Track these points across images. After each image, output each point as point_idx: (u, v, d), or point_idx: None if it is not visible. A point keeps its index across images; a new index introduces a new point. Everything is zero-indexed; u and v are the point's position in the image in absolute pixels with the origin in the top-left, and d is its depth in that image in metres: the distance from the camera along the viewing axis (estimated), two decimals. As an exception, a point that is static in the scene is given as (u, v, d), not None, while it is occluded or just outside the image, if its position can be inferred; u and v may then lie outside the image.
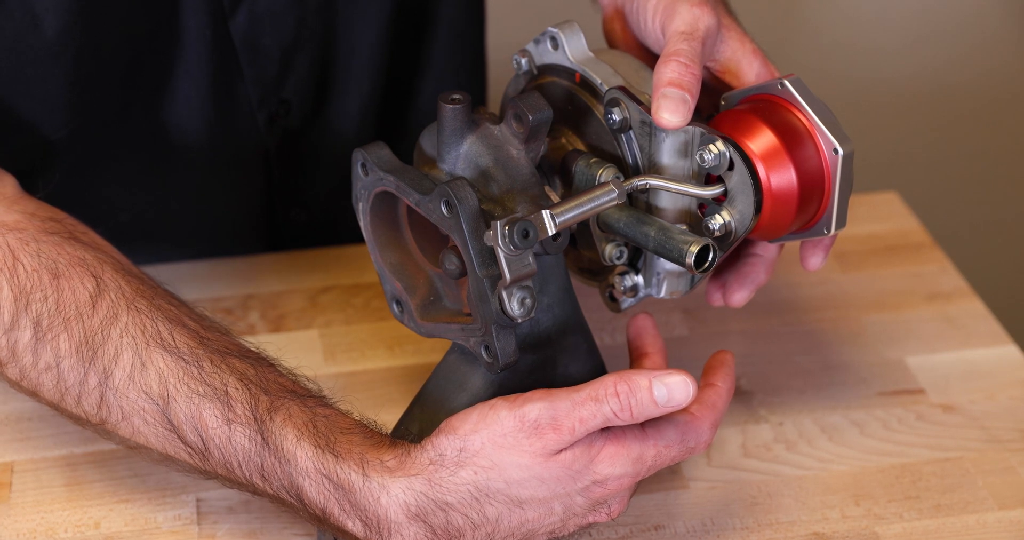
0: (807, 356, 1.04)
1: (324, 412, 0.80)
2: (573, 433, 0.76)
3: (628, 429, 0.78)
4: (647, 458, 0.79)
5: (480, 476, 0.76)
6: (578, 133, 0.86)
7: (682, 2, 0.84)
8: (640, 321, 0.87)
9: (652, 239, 0.80)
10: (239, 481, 0.81)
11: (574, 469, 0.77)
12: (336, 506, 0.78)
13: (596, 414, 0.76)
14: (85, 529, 0.89)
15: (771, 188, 0.80)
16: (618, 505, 0.80)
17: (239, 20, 1.04)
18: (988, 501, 0.91)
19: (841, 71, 1.96)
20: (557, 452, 0.77)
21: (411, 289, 0.86)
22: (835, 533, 0.89)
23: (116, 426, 0.82)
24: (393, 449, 0.79)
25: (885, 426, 0.97)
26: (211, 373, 0.80)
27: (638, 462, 0.78)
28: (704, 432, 0.80)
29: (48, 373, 0.83)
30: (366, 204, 0.84)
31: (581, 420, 0.76)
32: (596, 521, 0.81)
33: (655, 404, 0.76)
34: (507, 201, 0.80)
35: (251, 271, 1.12)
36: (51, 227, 0.86)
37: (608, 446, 0.78)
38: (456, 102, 0.80)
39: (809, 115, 0.81)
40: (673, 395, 0.76)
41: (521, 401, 0.77)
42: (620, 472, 0.78)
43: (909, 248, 1.16)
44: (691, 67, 0.80)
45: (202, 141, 1.08)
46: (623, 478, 0.78)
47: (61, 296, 0.82)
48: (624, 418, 0.76)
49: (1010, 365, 1.03)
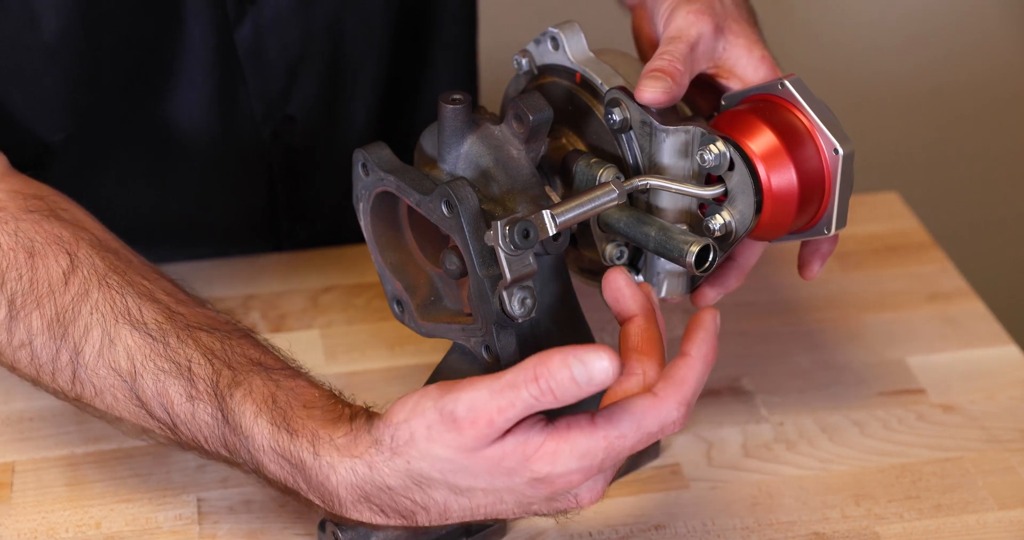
0: (808, 356, 1.04)
1: (289, 385, 0.79)
2: (492, 425, 0.71)
3: (574, 421, 0.72)
4: (597, 451, 0.72)
5: (414, 465, 0.74)
6: (578, 133, 0.86)
7: (680, 9, 0.86)
8: (612, 282, 0.78)
9: (652, 239, 0.80)
10: (211, 454, 0.81)
11: (505, 466, 0.73)
12: (293, 482, 0.78)
13: (515, 402, 0.70)
14: (86, 529, 0.89)
15: (771, 188, 0.80)
16: (588, 494, 0.75)
17: (244, 31, 1.04)
18: (988, 501, 0.91)
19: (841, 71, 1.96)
20: (482, 447, 0.72)
21: (412, 289, 0.86)
22: (835, 533, 0.89)
23: (92, 400, 0.83)
24: (348, 425, 0.77)
25: (885, 426, 0.97)
26: (176, 349, 0.80)
27: (585, 457, 0.72)
28: (669, 413, 0.73)
29: (23, 350, 0.83)
30: (367, 204, 0.84)
31: (499, 410, 0.70)
32: (567, 509, 0.76)
33: (577, 385, 0.68)
34: (507, 201, 0.80)
35: (252, 271, 1.12)
36: (33, 205, 0.87)
37: (548, 443, 0.72)
38: (456, 102, 0.80)
39: (809, 115, 0.81)
40: (593, 374, 0.68)
41: (447, 391, 0.73)
42: (563, 469, 0.72)
43: (910, 248, 1.16)
44: (674, 62, 0.82)
45: (204, 148, 1.08)
46: (570, 475, 0.73)
47: (35, 274, 0.83)
48: (547, 402, 0.69)
49: (1010, 365, 1.03)
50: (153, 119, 1.05)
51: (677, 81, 0.82)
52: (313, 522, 0.89)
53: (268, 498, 0.91)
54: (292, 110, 1.10)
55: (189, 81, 1.04)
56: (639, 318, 0.77)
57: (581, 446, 0.72)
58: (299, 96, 1.09)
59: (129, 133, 1.05)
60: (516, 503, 0.75)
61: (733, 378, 1.01)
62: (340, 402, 0.80)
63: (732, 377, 1.02)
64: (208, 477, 0.92)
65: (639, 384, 0.75)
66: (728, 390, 1.00)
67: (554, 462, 0.72)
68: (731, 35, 0.86)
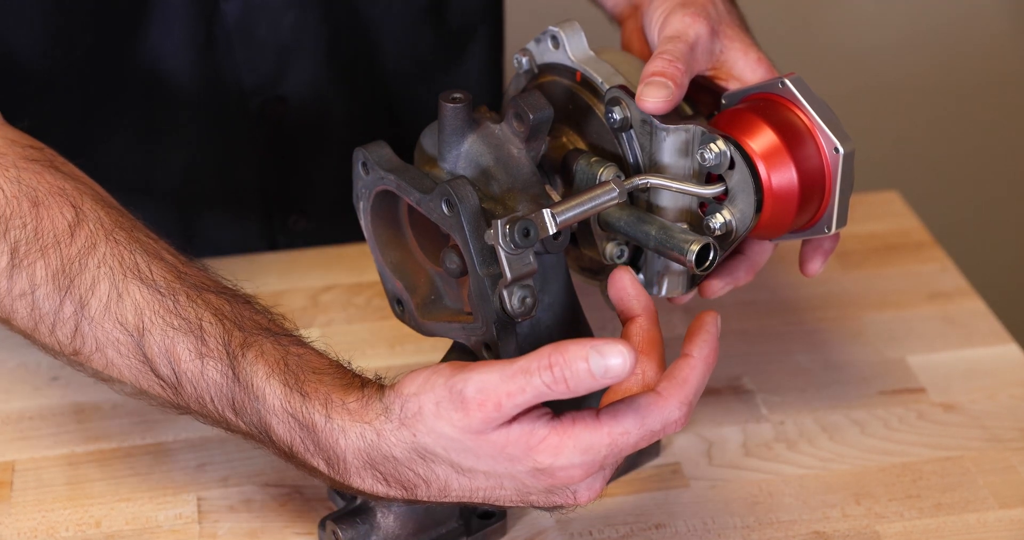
0: (808, 355, 1.04)
1: (297, 351, 0.79)
2: (500, 409, 0.71)
3: (579, 416, 0.73)
4: (600, 447, 0.73)
5: (419, 439, 0.74)
6: (579, 132, 0.86)
7: (676, 13, 0.86)
8: (617, 281, 0.79)
9: (653, 238, 0.80)
10: (212, 416, 0.80)
11: (509, 453, 0.73)
12: (301, 445, 0.77)
13: (526, 388, 0.70)
14: (86, 528, 0.89)
15: (772, 187, 0.80)
16: (586, 492, 0.76)
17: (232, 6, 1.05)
18: (989, 500, 0.91)
19: (841, 70, 1.96)
20: (488, 430, 0.73)
21: (412, 288, 0.86)
22: (836, 532, 0.89)
23: (89, 357, 0.82)
24: (359, 391, 0.77)
25: (886, 425, 0.97)
26: (186, 307, 0.80)
27: (588, 452, 0.73)
28: (671, 412, 0.74)
29: (22, 300, 0.82)
30: (367, 203, 0.84)
31: (509, 394, 0.71)
32: (564, 504, 0.77)
33: (592, 376, 0.69)
34: (508, 200, 0.80)
35: (252, 270, 1.12)
36: (32, 154, 0.86)
37: (551, 436, 0.72)
38: (457, 101, 0.80)
39: (810, 114, 0.81)
40: (610, 367, 0.69)
41: (459, 370, 0.73)
42: (566, 463, 0.73)
43: (910, 247, 1.16)
44: (674, 62, 0.82)
45: (188, 110, 1.08)
46: (571, 469, 0.73)
47: (40, 224, 0.82)
48: (559, 391, 0.70)
49: (1011, 364, 1.03)
50: (133, 64, 1.05)
51: (678, 83, 0.82)
52: (313, 521, 0.89)
53: (268, 497, 0.91)
54: (284, 92, 1.10)
55: (165, 27, 1.04)
56: (642, 318, 0.78)
57: (584, 441, 0.73)
58: (293, 80, 1.10)
59: (111, 75, 1.04)
60: (515, 491, 0.75)
61: (734, 377, 1.01)
62: (349, 370, 0.80)
63: (733, 376, 1.02)
64: (208, 476, 0.92)
65: (638, 383, 0.76)
66: (729, 389, 1.00)
67: (557, 454, 0.73)
68: (726, 39, 0.87)
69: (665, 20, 0.86)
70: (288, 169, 1.16)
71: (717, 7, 0.88)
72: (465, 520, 0.87)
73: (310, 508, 0.90)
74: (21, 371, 1.02)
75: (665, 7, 0.87)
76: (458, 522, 0.87)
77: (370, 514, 0.85)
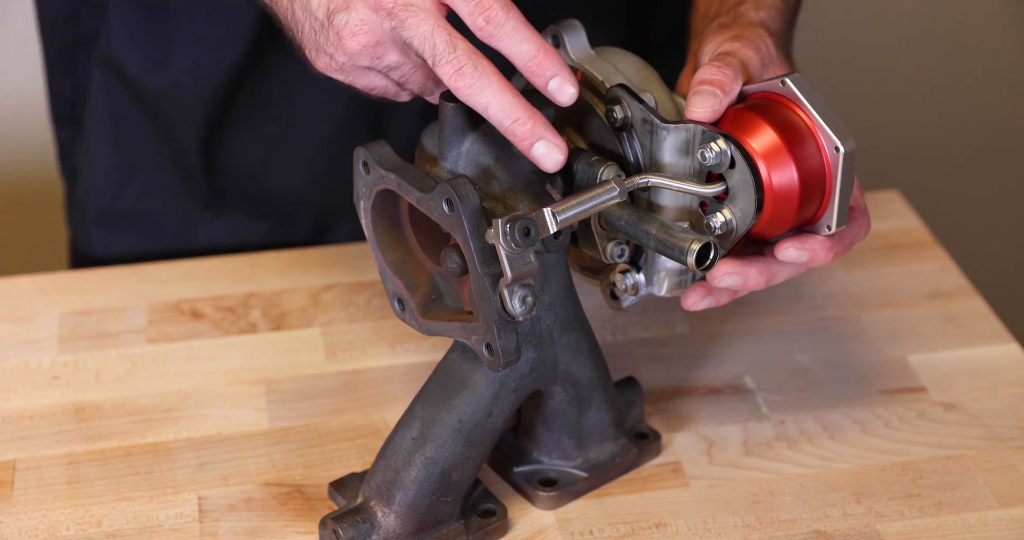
0: (808, 354, 1.04)
1: None
2: None
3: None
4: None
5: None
6: (579, 131, 0.86)
7: (726, 42, 0.86)
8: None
9: (653, 237, 0.80)
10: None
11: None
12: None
13: None
14: (87, 527, 0.89)
15: (772, 186, 0.80)
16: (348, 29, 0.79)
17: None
18: (989, 499, 0.91)
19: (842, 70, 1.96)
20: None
21: (413, 287, 0.86)
22: (836, 531, 0.89)
23: None
24: None
25: (886, 424, 0.97)
26: None
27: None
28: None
29: None
30: (367, 202, 0.84)
31: None
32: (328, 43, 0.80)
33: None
34: (508, 199, 0.80)
35: (252, 269, 1.12)
36: None
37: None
38: (458, 100, 0.80)
39: (811, 113, 0.81)
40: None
41: None
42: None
43: (910, 246, 1.16)
44: (724, 68, 0.82)
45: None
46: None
47: None
48: None
49: (1011, 363, 1.03)
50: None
51: (727, 90, 0.81)
52: (313, 520, 0.89)
53: (269, 496, 0.91)
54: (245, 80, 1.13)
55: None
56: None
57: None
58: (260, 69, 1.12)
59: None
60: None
61: (734, 376, 1.02)
62: None
63: (733, 375, 1.02)
64: (209, 475, 0.93)
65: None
66: (729, 388, 1.00)
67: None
68: (771, 64, 0.87)
69: (718, 47, 0.86)
70: (222, 146, 1.19)
71: (768, 46, 0.88)
72: (465, 520, 0.87)
73: (310, 507, 0.90)
74: (21, 370, 1.02)
75: (720, 40, 0.87)
76: (458, 521, 0.87)
77: (370, 513, 0.85)
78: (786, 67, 0.88)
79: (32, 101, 1.59)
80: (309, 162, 1.18)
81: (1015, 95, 2.05)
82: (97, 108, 1.18)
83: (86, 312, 1.07)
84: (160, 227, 1.21)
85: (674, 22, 1.13)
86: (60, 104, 1.23)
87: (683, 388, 1.00)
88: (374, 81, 0.82)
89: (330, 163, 1.17)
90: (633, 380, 0.94)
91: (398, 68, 0.81)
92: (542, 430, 0.91)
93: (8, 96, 1.69)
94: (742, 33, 0.87)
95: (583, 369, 0.88)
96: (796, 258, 0.82)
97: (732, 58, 0.84)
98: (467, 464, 0.85)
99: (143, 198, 1.20)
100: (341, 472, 0.92)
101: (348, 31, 0.78)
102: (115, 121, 1.18)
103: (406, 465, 0.84)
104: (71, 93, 1.22)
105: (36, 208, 1.69)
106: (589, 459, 0.92)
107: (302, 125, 1.16)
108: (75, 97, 1.22)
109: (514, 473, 0.92)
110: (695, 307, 0.84)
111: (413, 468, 0.84)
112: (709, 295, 0.84)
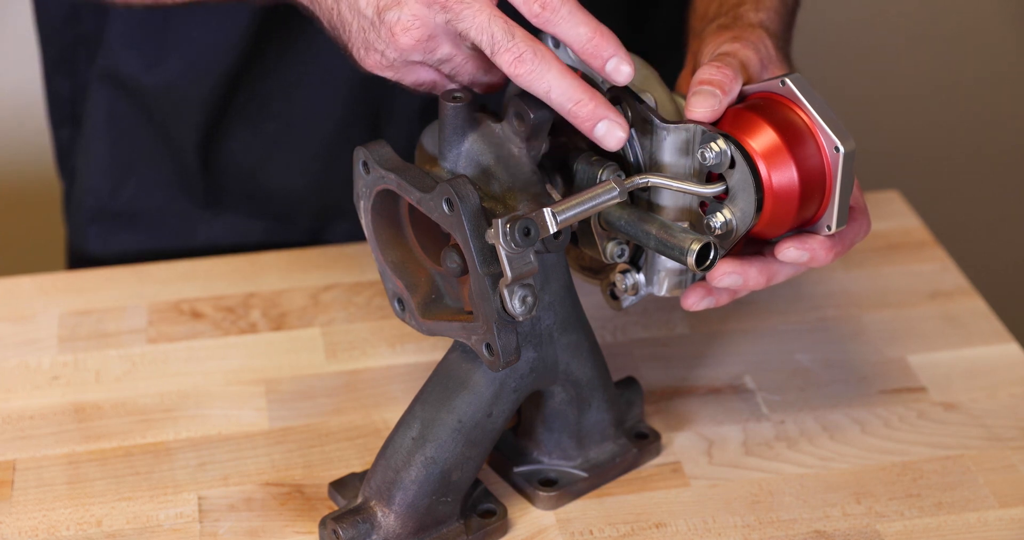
0: (808, 354, 1.04)
1: None
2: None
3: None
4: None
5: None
6: (579, 131, 0.86)
7: (728, 42, 0.86)
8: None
9: (653, 237, 0.80)
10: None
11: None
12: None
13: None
14: (87, 527, 0.89)
15: (772, 186, 0.80)
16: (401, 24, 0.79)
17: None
18: (989, 499, 0.91)
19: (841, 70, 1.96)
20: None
21: (413, 287, 0.86)
22: (836, 531, 0.89)
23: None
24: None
25: (886, 424, 0.97)
26: None
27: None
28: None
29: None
30: (367, 202, 0.84)
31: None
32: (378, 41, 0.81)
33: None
34: (508, 199, 0.80)
35: (252, 269, 1.12)
36: None
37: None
38: (457, 100, 0.80)
39: (810, 113, 0.81)
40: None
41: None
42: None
43: (910, 246, 1.16)
44: (723, 68, 0.82)
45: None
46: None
47: None
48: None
49: (1011, 363, 1.03)
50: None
51: (727, 90, 0.81)
52: (314, 521, 0.89)
53: (269, 496, 0.91)
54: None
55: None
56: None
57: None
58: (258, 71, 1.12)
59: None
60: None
61: (734, 376, 1.01)
62: None
63: (733, 375, 1.02)
64: (209, 475, 0.92)
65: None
66: (729, 388, 1.00)
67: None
68: (770, 65, 0.87)
69: (718, 47, 0.86)
70: (222, 147, 1.19)
71: (767, 47, 0.88)
72: (465, 520, 0.87)
73: (310, 507, 0.90)
74: (21, 370, 1.02)
75: (719, 40, 0.87)
76: (458, 521, 0.87)
77: (370, 513, 0.85)
78: (785, 68, 0.88)
79: (31, 101, 1.59)
80: (308, 162, 1.18)
81: (1015, 95, 2.05)
82: (95, 108, 1.18)
83: (86, 312, 1.07)
84: (157, 226, 1.21)
85: (674, 22, 1.13)
86: (59, 104, 1.23)
87: (683, 388, 1.00)
88: (423, 76, 0.82)
89: (329, 163, 1.17)
90: (633, 380, 0.94)
91: (449, 61, 0.81)
92: (542, 430, 0.91)
93: (7, 96, 1.69)
94: (741, 34, 0.87)
95: (583, 369, 0.88)
96: (796, 258, 0.82)
97: (732, 58, 0.84)
98: (467, 464, 0.85)
99: (140, 197, 1.20)
100: (341, 472, 0.92)
101: (401, 27, 0.79)
102: (113, 121, 1.18)
103: (406, 465, 0.84)
104: (70, 93, 1.22)
105: (35, 208, 1.69)
106: (589, 459, 0.92)
107: (301, 125, 1.16)
108: (74, 97, 1.22)
109: (514, 473, 0.92)
110: (695, 307, 0.84)
111: (413, 468, 0.84)
112: (709, 295, 0.84)
